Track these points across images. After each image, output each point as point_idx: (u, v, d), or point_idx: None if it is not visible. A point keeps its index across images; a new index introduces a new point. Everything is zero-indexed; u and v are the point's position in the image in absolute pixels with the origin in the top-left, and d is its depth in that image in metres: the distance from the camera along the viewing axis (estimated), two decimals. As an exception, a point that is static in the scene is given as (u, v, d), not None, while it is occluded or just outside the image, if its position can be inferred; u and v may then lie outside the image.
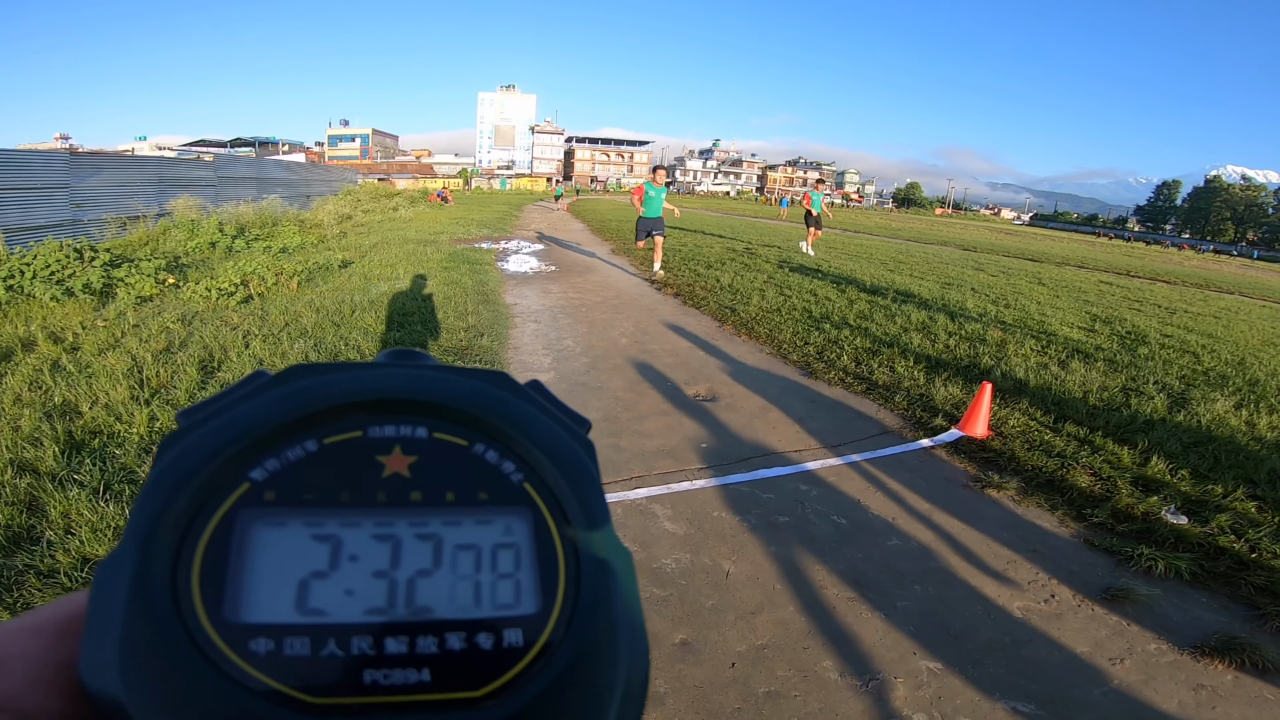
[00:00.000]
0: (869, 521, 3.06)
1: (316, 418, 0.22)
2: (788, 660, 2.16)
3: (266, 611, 0.19)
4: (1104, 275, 17.28)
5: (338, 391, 0.23)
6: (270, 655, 0.19)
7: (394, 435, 0.23)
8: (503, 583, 0.22)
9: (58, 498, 2.84)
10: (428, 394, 0.23)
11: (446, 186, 46.65)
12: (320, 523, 0.21)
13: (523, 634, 0.21)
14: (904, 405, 4.62)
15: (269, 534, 0.20)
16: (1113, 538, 3.06)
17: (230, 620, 0.19)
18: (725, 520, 2.98)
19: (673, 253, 12.76)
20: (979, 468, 3.72)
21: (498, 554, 0.22)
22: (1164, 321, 9.34)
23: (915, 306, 8.36)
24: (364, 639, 0.20)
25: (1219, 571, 2.86)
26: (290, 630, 0.19)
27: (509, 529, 0.22)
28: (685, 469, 3.48)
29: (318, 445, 0.22)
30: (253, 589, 0.20)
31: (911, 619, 2.39)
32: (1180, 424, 4.54)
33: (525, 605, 0.21)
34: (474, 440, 0.23)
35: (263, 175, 19.35)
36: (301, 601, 0.20)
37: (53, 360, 4.83)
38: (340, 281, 8.05)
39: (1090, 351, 6.61)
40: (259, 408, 0.22)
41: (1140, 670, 2.23)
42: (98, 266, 7.71)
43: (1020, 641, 2.32)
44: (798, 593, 2.51)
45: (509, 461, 0.23)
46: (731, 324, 6.97)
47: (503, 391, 0.25)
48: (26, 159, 10.37)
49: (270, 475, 0.21)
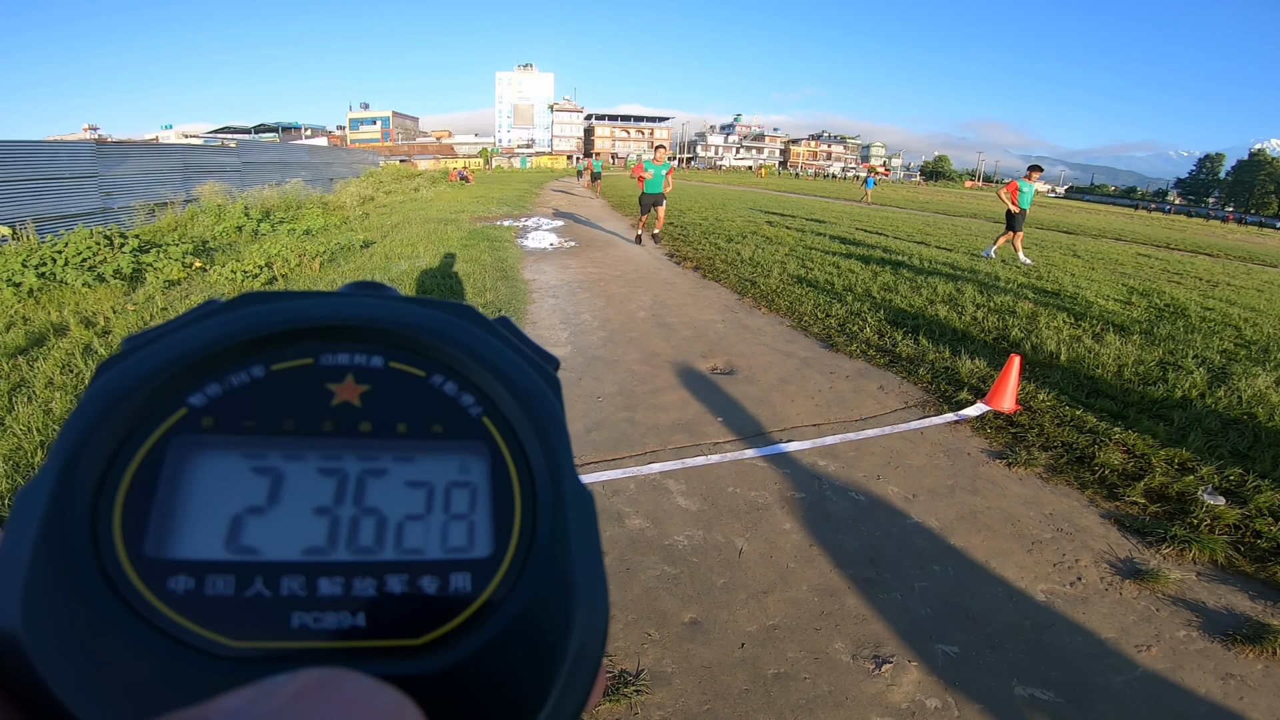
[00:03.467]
0: (888, 498, 2.98)
1: (265, 342, 0.21)
2: (798, 641, 2.11)
3: (192, 548, 0.18)
4: (1142, 248, 16.62)
5: (290, 316, 0.21)
6: (188, 594, 0.17)
7: (347, 363, 0.21)
8: (455, 523, 0.20)
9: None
10: (384, 322, 0.22)
11: (467, 166, 46.70)
12: (261, 453, 0.19)
13: (471, 579, 0.19)
14: (928, 379, 4.50)
15: (203, 464, 0.19)
16: (1145, 519, 2.94)
17: (151, 555, 0.18)
18: (739, 496, 2.92)
19: (692, 226, 12.60)
20: (1005, 443, 3.60)
21: (451, 492, 0.20)
22: (1205, 295, 8.95)
23: (942, 279, 8.13)
24: (295, 579, 0.18)
25: (1256, 556, 2.73)
26: (215, 568, 0.18)
27: (465, 466, 0.21)
28: (700, 443, 3.42)
29: (265, 371, 0.20)
30: (180, 523, 0.18)
31: (929, 600, 2.32)
32: (1219, 399, 4.34)
33: (478, 548, 0.20)
34: (432, 371, 0.22)
35: (286, 159, 19.55)
36: (233, 538, 0.18)
37: (85, 344, 4.94)
38: (362, 261, 8.10)
39: (1126, 324, 6.37)
40: (204, 331, 0.20)
41: (1167, 658, 2.13)
42: (127, 252, 7.87)
43: (1042, 626, 2.23)
44: (811, 572, 2.45)
45: (468, 394, 0.22)
46: (751, 297, 6.85)
47: (466, 322, 0.23)
48: (54, 150, 10.59)
49: (210, 401, 0.20)
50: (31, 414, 3.48)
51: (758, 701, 1.88)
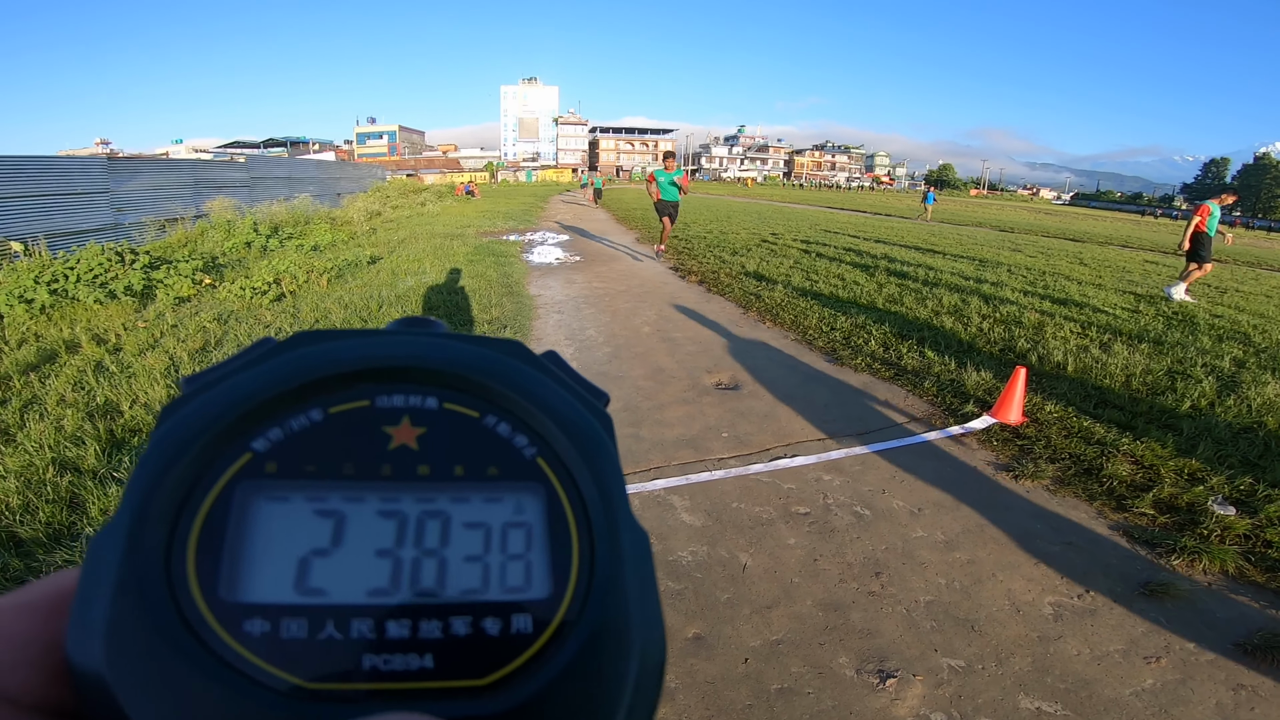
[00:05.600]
0: (893, 512, 2.98)
1: (322, 385, 0.21)
2: (802, 656, 2.11)
3: (264, 591, 0.19)
4: (1149, 255, 16.56)
5: (345, 358, 0.22)
6: (266, 637, 0.18)
7: (402, 405, 0.22)
8: (512, 564, 0.20)
9: (97, 494, 2.93)
10: (438, 362, 0.22)
11: (473, 180, 47.08)
12: (323, 497, 0.20)
13: (532, 620, 0.20)
14: (934, 391, 4.49)
15: (270, 508, 0.19)
16: (1154, 530, 2.92)
17: (226, 599, 0.18)
18: (744, 511, 2.93)
19: (697, 239, 12.60)
20: (1012, 456, 3.59)
21: (508, 533, 0.21)
22: (1214, 301, 8.90)
23: (948, 289, 8.12)
24: (364, 622, 0.19)
25: (1267, 566, 2.71)
26: (288, 611, 0.18)
27: (520, 506, 0.21)
28: (705, 459, 3.43)
29: (323, 415, 0.21)
30: (251, 566, 0.19)
31: (934, 614, 2.32)
32: (1229, 408, 4.32)
33: (536, 589, 0.20)
34: (485, 412, 0.22)
35: (294, 175, 19.76)
36: (301, 581, 0.19)
37: (96, 361, 5.00)
38: (369, 277, 8.17)
39: (1134, 333, 6.34)
40: (263, 374, 0.21)
41: (1177, 669, 2.12)
42: (138, 269, 7.96)
43: (1049, 638, 2.23)
44: (816, 586, 2.45)
45: (521, 435, 0.22)
46: (756, 310, 6.87)
47: (517, 361, 0.23)
48: (66, 166, 10.72)
49: (273, 445, 0.20)
50: (44, 431, 3.53)
51: (761, 717, 1.88)
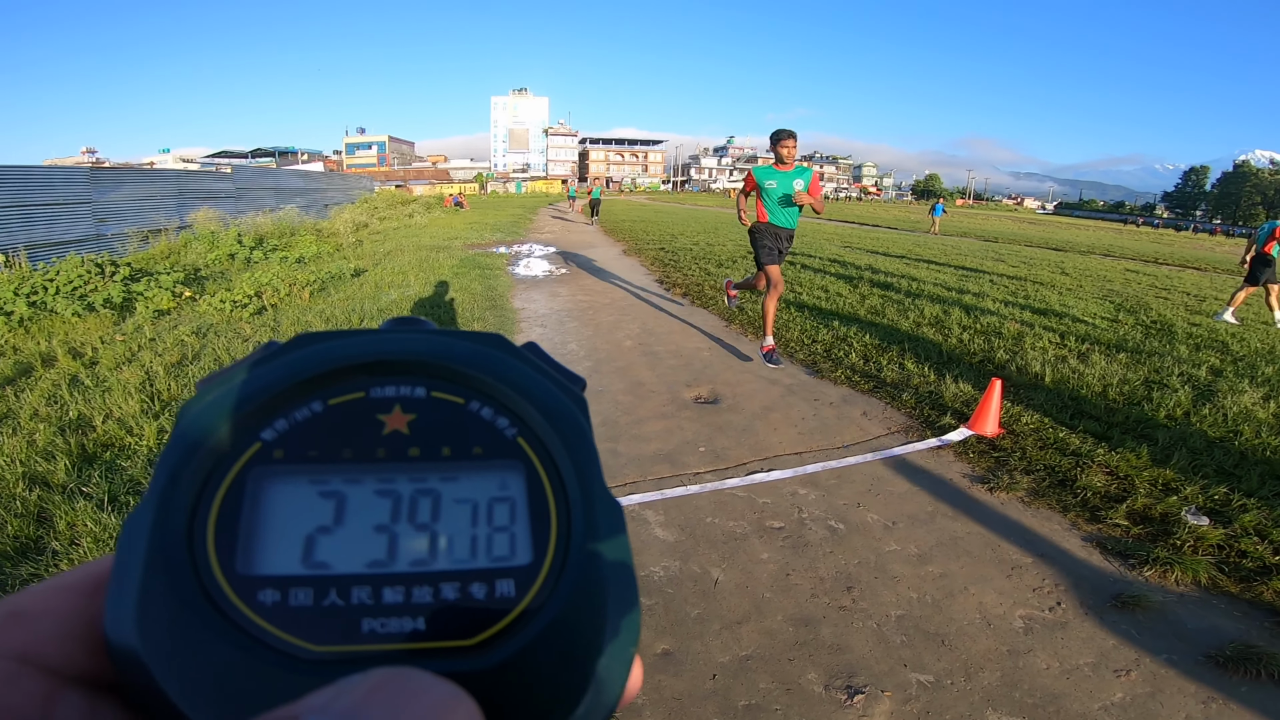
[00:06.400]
0: (867, 526, 2.98)
1: (322, 379, 0.23)
2: (771, 672, 2.09)
3: (275, 564, 0.20)
4: (1130, 263, 16.80)
5: (342, 354, 0.24)
6: (276, 606, 0.20)
7: (394, 395, 0.23)
8: (498, 535, 0.22)
9: (65, 509, 2.90)
10: (426, 354, 0.24)
11: (462, 192, 47.05)
12: (325, 479, 0.22)
13: (515, 585, 0.22)
14: (912, 403, 4.51)
15: (278, 490, 0.21)
16: (1127, 541, 2.93)
17: (241, 572, 0.20)
18: (718, 526, 2.92)
19: (683, 251, 12.63)
20: (988, 468, 3.61)
21: (493, 507, 0.23)
22: (1192, 310, 9.03)
23: (930, 300, 8.19)
24: (363, 589, 0.21)
25: (1241, 576, 2.72)
26: (295, 582, 0.20)
27: (504, 483, 0.23)
28: (681, 474, 3.42)
29: (323, 406, 0.23)
30: (263, 543, 0.21)
31: (904, 629, 2.31)
32: (1205, 417, 4.36)
33: (519, 557, 0.22)
34: (470, 398, 0.24)
35: (280, 185, 19.67)
36: (307, 555, 0.21)
37: (71, 375, 4.94)
38: (352, 290, 8.13)
39: (1112, 343, 6.41)
40: (269, 372, 0.23)
41: (1147, 682, 2.13)
42: (118, 281, 7.88)
43: (1019, 651, 2.23)
44: (787, 601, 2.44)
45: (503, 417, 0.24)
46: (739, 323, 6.89)
47: (498, 351, 0.25)
48: (49, 176, 10.60)
49: (279, 435, 0.22)
50: (15, 446, 3.48)
51: (729, 736, 1.87)
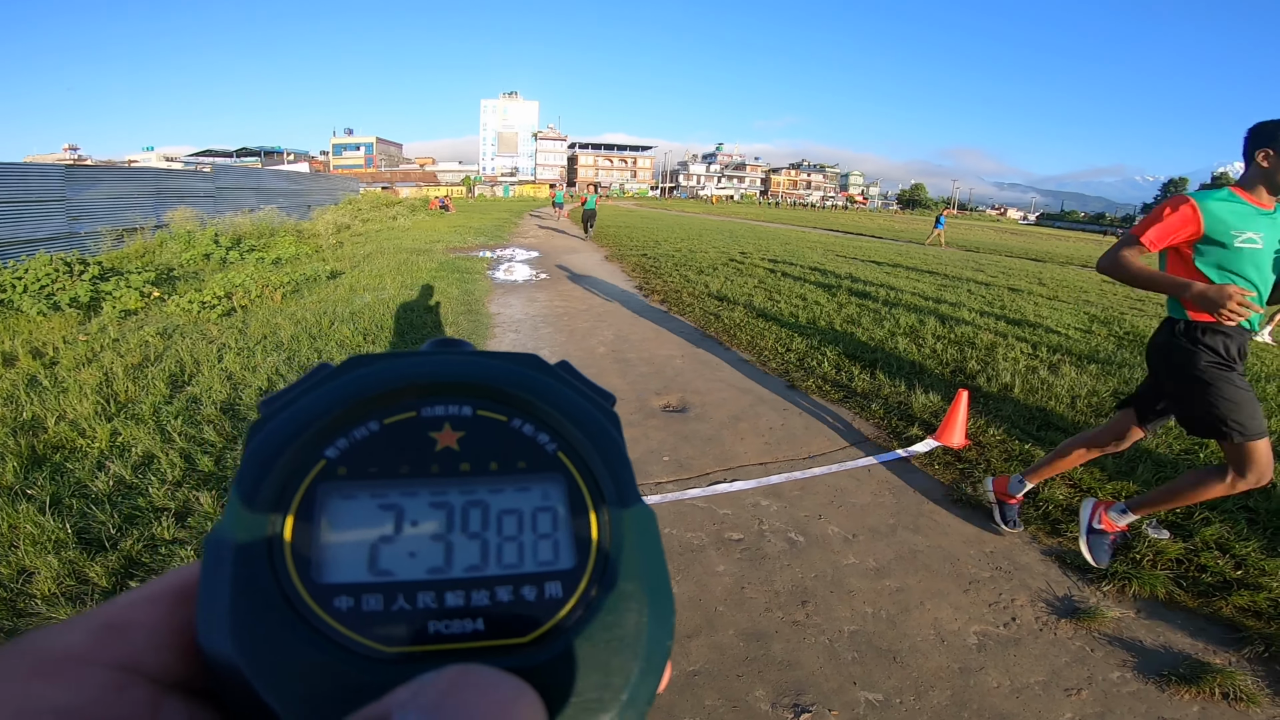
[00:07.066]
0: (827, 538, 2.95)
1: (378, 401, 0.25)
2: (718, 688, 2.05)
3: (346, 572, 0.22)
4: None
5: (395, 377, 0.25)
6: (351, 611, 0.21)
7: (444, 414, 0.25)
8: (543, 542, 0.24)
9: (8, 513, 2.85)
10: (472, 377, 0.26)
11: (449, 195, 46.86)
12: (384, 493, 0.23)
13: (561, 586, 0.23)
14: (881, 414, 4.51)
15: (343, 504, 0.23)
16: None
17: (317, 581, 0.21)
18: (674, 539, 2.88)
19: (665, 258, 12.64)
20: (952, 480, 3.60)
21: (537, 516, 0.24)
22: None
23: (906, 309, 8.23)
24: (428, 594, 0.22)
25: (1199, 591, 2.73)
26: (366, 589, 0.22)
27: (546, 494, 0.25)
28: (643, 484, 3.37)
29: (379, 425, 0.24)
30: (333, 553, 0.22)
31: (857, 644, 2.29)
32: (1171, 429, 4.39)
33: (563, 561, 0.24)
34: (512, 416, 0.26)
35: (263, 185, 19.44)
36: (373, 563, 0.22)
37: (30, 376, 4.83)
38: (326, 293, 8.02)
39: (1084, 354, 6.47)
40: (328, 394, 0.24)
41: (1097, 701, 2.11)
42: (86, 280, 7.73)
43: (970, 669, 2.21)
44: (740, 616, 2.41)
45: (544, 433, 0.26)
46: (715, 331, 6.87)
47: (536, 372, 0.27)
48: (23, 172, 10.42)
49: (341, 453, 0.24)
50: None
51: (670, 757, 1.82)
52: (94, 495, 3.04)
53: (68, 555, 2.58)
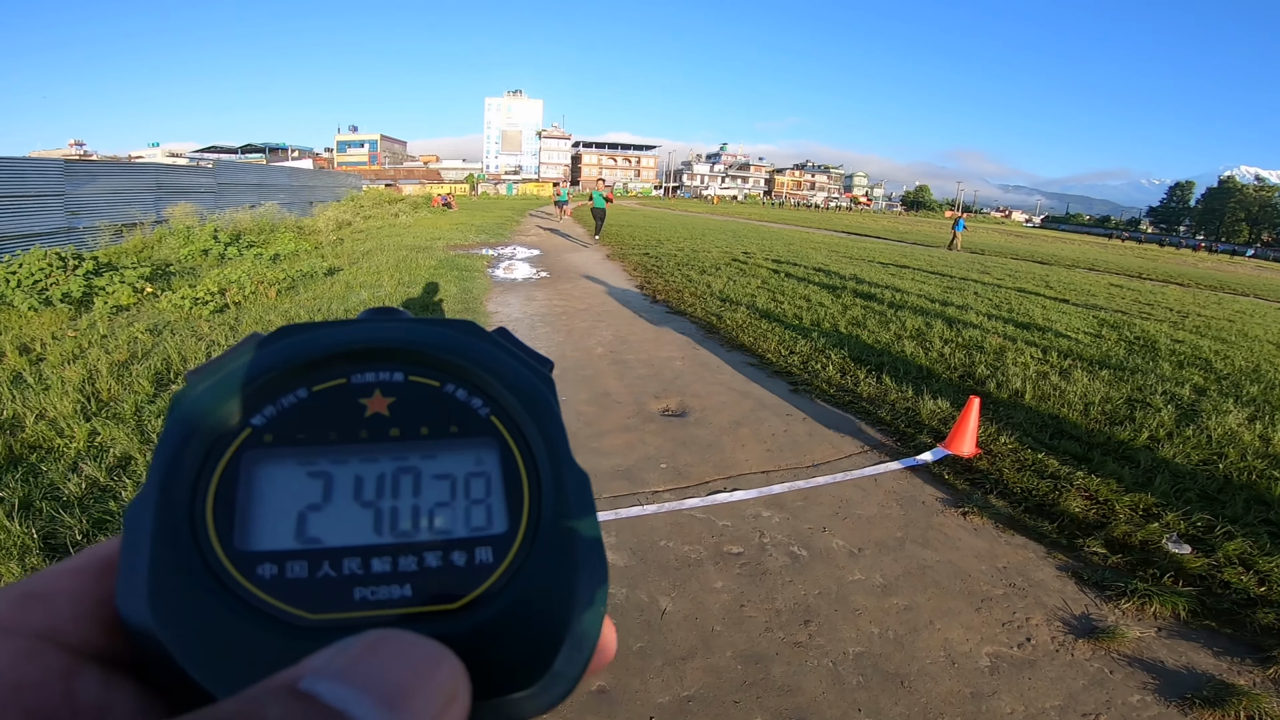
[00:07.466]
0: (831, 552, 2.81)
1: (306, 368, 0.24)
2: (713, 715, 1.92)
3: (270, 540, 0.21)
4: (1115, 278, 16.85)
5: (323, 344, 0.24)
6: (275, 579, 0.21)
7: (374, 380, 0.24)
8: (475, 507, 0.23)
9: (-20, 511, 2.74)
10: (402, 342, 0.25)
11: (451, 192, 46.82)
12: (313, 460, 0.23)
13: (492, 552, 0.23)
14: (888, 420, 4.37)
15: (270, 472, 0.22)
16: (1104, 571, 2.80)
17: (240, 549, 0.21)
18: (671, 551, 2.75)
19: (667, 257, 12.51)
20: (962, 490, 3.46)
21: (470, 481, 0.24)
22: (1176, 326, 8.99)
23: (912, 312, 8.08)
24: (353, 560, 0.22)
25: (1222, 609, 2.59)
26: (291, 556, 0.21)
27: (479, 459, 0.24)
28: (638, 493, 3.24)
29: (308, 392, 0.24)
30: (258, 521, 0.21)
31: (862, 667, 2.15)
32: (1188, 439, 4.25)
33: (495, 526, 0.23)
34: (445, 381, 0.25)
35: (265, 182, 19.38)
36: (300, 531, 0.22)
37: (15, 372, 4.73)
38: (321, 290, 7.91)
39: (1096, 359, 6.32)
40: (256, 363, 0.24)
41: (1118, 729, 1.98)
42: (79, 275, 7.63)
43: (983, 694, 2.07)
44: (738, 636, 2.27)
45: (477, 398, 0.25)
46: (717, 333, 6.73)
47: (470, 337, 0.26)
48: (23, 167, 10.37)
49: (268, 420, 0.23)
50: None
51: (661, 794, 1.69)
52: (65, 498, 2.92)
53: (31, 562, 2.46)
